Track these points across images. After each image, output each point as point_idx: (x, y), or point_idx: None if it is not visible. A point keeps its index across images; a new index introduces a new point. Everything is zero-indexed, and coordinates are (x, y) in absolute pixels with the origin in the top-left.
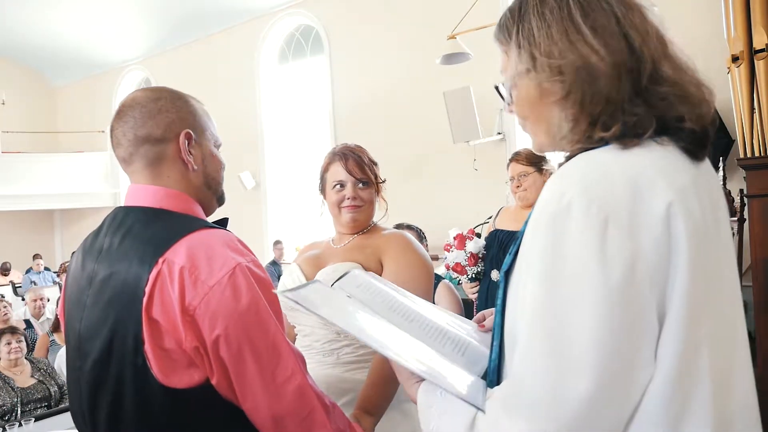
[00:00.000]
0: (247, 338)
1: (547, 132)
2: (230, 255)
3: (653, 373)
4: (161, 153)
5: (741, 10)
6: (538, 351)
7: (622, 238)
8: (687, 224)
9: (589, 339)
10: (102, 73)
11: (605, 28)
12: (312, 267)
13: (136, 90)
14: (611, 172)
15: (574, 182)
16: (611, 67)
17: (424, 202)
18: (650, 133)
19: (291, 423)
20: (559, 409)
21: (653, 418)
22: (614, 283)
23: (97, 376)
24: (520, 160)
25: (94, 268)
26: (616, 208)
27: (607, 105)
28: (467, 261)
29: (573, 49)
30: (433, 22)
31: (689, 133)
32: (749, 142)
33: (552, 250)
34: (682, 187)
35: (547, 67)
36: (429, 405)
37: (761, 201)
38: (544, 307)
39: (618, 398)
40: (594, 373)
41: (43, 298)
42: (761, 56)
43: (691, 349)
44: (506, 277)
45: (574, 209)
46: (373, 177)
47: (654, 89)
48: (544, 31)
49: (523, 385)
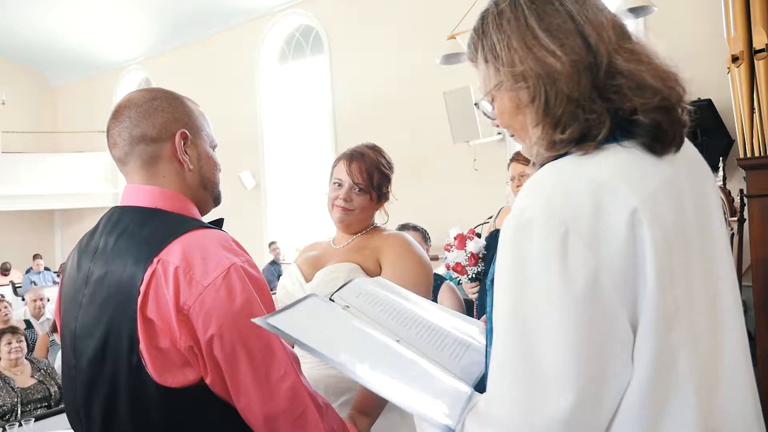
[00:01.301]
0: (241, 338)
1: (529, 139)
2: (225, 255)
3: (630, 380)
4: (156, 153)
5: (741, 10)
6: (508, 373)
7: (583, 251)
8: (654, 230)
9: (559, 356)
10: (102, 73)
11: (560, 28)
12: (312, 267)
13: (133, 91)
14: (572, 183)
15: (535, 196)
16: (569, 66)
17: (424, 202)
18: (605, 134)
19: (284, 422)
20: (537, 426)
21: (631, 423)
22: (578, 296)
23: (92, 375)
24: (521, 160)
25: (89, 267)
26: (576, 221)
27: (568, 104)
28: (467, 261)
29: (531, 55)
30: (433, 22)
31: (642, 126)
32: (749, 142)
33: (515, 266)
34: (650, 192)
35: (510, 77)
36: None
37: (761, 201)
38: (511, 325)
39: (594, 410)
40: (567, 390)
41: (43, 298)
42: (761, 56)
43: (667, 353)
44: (492, 285)
45: (535, 224)
46: (372, 185)
47: (608, 83)
48: (505, 42)
49: (496, 409)
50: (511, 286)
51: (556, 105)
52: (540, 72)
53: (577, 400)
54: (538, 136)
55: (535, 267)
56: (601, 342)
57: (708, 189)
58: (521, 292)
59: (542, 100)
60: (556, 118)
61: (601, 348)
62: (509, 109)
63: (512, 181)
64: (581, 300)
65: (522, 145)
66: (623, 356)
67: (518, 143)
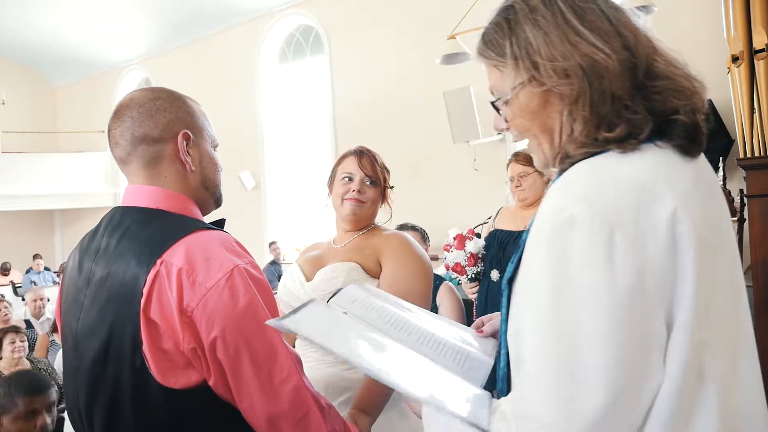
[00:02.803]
0: (244, 340)
1: (551, 142)
2: (228, 257)
3: (662, 380)
4: (159, 153)
5: (741, 10)
6: (546, 371)
7: (629, 250)
8: (691, 230)
9: (600, 355)
10: (102, 73)
11: (601, 28)
12: (312, 267)
13: (134, 90)
14: (613, 181)
15: (575, 195)
16: (618, 64)
17: (424, 202)
18: (647, 134)
19: (287, 424)
20: (573, 427)
21: (663, 424)
22: (623, 296)
23: (94, 376)
24: (520, 160)
25: (91, 268)
26: (621, 219)
27: (613, 103)
28: (467, 261)
29: (576, 51)
30: (433, 22)
31: (682, 127)
32: (749, 142)
33: (555, 266)
34: (684, 192)
35: (552, 72)
36: (434, 418)
37: (761, 201)
38: (549, 324)
39: (629, 409)
40: (605, 389)
41: (43, 298)
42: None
43: (695, 353)
44: (509, 284)
45: (577, 224)
46: (381, 179)
47: (649, 84)
48: (542, 38)
49: (533, 407)
50: (550, 285)
51: (601, 103)
52: (586, 68)
53: (614, 399)
54: (579, 132)
55: (578, 267)
56: (641, 343)
57: (718, 190)
58: (562, 292)
59: (587, 97)
60: (601, 117)
61: (640, 349)
62: (534, 107)
63: (512, 181)
64: (625, 301)
65: (534, 149)
66: (658, 357)
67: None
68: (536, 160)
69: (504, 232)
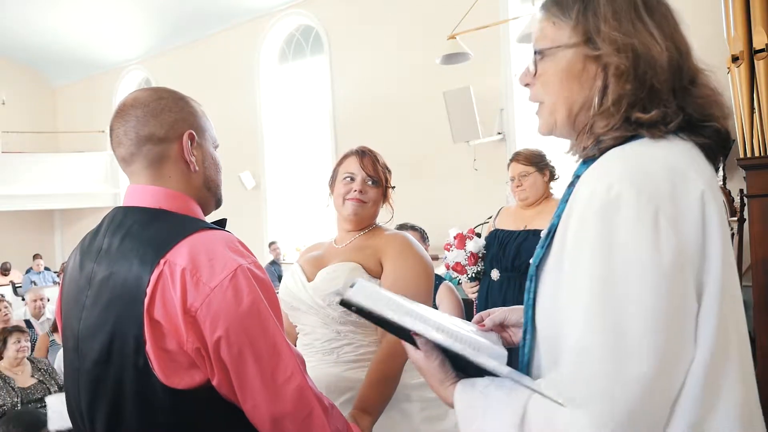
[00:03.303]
0: (247, 340)
1: (569, 109)
2: (231, 257)
3: (695, 354)
4: (163, 153)
5: (741, 10)
6: (598, 341)
7: (669, 228)
8: (716, 211)
9: (647, 324)
10: (102, 73)
11: (663, 28)
12: (313, 267)
13: (136, 90)
14: (650, 164)
15: (619, 174)
16: (667, 61)
17: (424, 202)
18: (675, 126)
19: (290, 423)
20: (620, 395)
21: (695, 397)
22: (666, 270)
23: (97, 376)
24: (521, 160)
25: (93, 268)
26: (663, 199)
27: (649, 92)
28: (467, 260)
29: (638, 35)
30: (433, 22)
31: (714, 130)
32: (749, 142)
33: (604, 240)
34: (709, 177)
35: (610, 42)
36: (470, 405)
37: (761, 201)
38: (600, 298)
39: (670, 379)
40: (652, 357)
41: (43, 298)
42: (761, 56)
43: (723, 329)
44: (537, 271)
45: (624, 200)
46: (383, 179)
47: (692, 90)
48: (612, 12)
49: (581, 376)
50: (599, 259)
51: (640, 87)
52: (641, 52)
53: (657, 370)
54: (611, 104)
55: (627, 241)
56: (680, 315)
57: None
58: (610, 264)
59: (631, 77)
60: (638, 98)
61: (678, 321)
62: (570, 70)
63: (512, 181)
64: (668, 274)
65: (545, 113)
66: (691, 331)
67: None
68: (542, 124)
69: (504, 231)
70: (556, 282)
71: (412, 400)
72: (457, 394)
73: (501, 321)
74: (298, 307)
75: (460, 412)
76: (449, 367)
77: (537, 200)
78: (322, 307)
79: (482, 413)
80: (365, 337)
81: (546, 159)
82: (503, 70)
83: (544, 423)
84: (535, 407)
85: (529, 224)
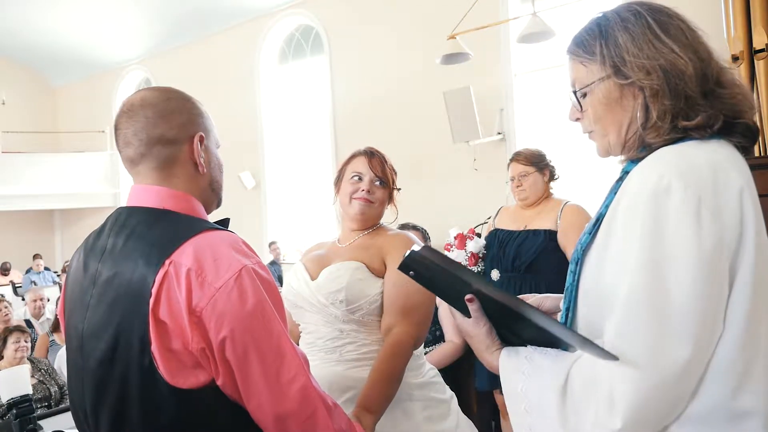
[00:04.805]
0: (252, 340)
1: (618, 132)
2: (236, 257)
3: (722, 333)
4: (173, 154)
5: (741, 10)
6: (641, 317)
7: (711, 218)
8: (753, 206)
9: (689, 306)
10: (102, 73)
11: (681, 41)
12: (317, 266)
13: (142, 89)
14: (696, 161)
15: (668, 167)
16: (693, 69)
17: (424, 202)
18: (719, 126)
19: (294, 423)
20: (661, 370)
21: (723, 374)
22: (707, 255)
23: (101, 376)
24: (521, 160)
25: (97, 268)
26: (706, 191)
27: (686, 101)
28: (468, 261)
29: (660, 55)
30: (433, 22)
31: (745, 126)
32: None
33: (655, 224)
34: (747, 176)
35: (638, 68)
36: (516, 369)
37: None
38: (646, 275)
39: (703, 359)
40: (692, 339)
41: (43, 298)
42: (761, 56)
43: (755, 315)
44: (583, 254)
45: (673, 190)
46: (390, 180)
47: (719, 90)
48: (630, 41)
49: (626, 348)
50: (648, 240)
51: (676, 99)
52: (668, 69)
53: (695, 349)
54: (652, 121)
55: (674, 228)
56: (715, 300)
57: None
58: (657, 248)
59: (665, 92)
60: (678, 109)
61: (714, 305)
62: (611, 98)
63: (512, 181)
64: (708, 260)
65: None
66: (722, 313)
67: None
68: (599, 147)
69: (504, 231)
70: (599, 265)
71: (414, 399)
72: (503, 359)
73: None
74: (302, 306)
75: (505, 376)
76: (495, 335)
77: (537, 200)
78: (325, 306)
79: (527, 377)
80: (368, 336)
81: (546, 159)
82: (503, 70)
83: (585, 382)
84: (577, 370)
85: (529, 224)
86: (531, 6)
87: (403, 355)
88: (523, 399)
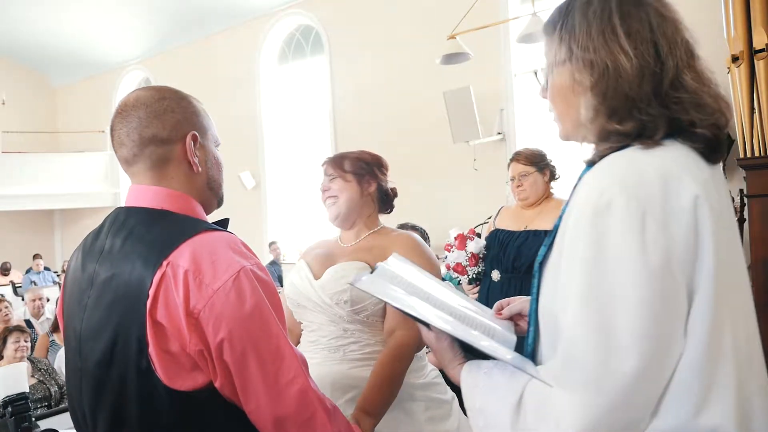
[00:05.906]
0: (250, 342)
1: (573, 120)
2: (234, 258)
3: (683, 349)
4: (166, 154)
5: (741, 10)
6: (587, 334)
7: (659, 230)
8: (710, 214)
9: (634, 321)
10: (102, 73)
11: (638, 33)
12: (320, 265)
13: (137, 89)
14: (643, 170)
15: (611, 181)
16: (636, 69)
17: (424, 202)
18: (661, 135)
19: (292, 425)
20: (609, 384)
21: (684, 391)
22: (654, 269)
23: (99, 378)
24: (521, 160)
25: (95, 269)
26: (652, 203)
27: (625, 102)
28: (468, 261)
29: (606, 48)
30: (433, 22)
31: (701, 137)
32: (749, 142)
33: (596, 243)
34: (704, 181)
35: (580, 60)
36: (474, 384)
37: (761, 201)
38: (590, 295)
39: (657, 373)
40: (639, 352)
41: (43, 298)
42: (761, 56)
43: (718, 326)
44: (540, 268)
45: (614, 206)
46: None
47: (672, 94)
48: (585, 28)
49: (574, 364)
50: (590, 260)
51: (613, 98)
52: (608, 65)
53: (643, 365)
54: (589, 119)
55: (616, 244)
56: (668, 314)
57: (726, 191)
58: (601, 266)
59: (602, 89)
60: (612, 109)
61: (667, 319)
62: (564, 86)
63: (512, 181)
64: (656, 275)
65: (558, 120)
66: (681, 329)
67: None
68: (559, 130)
69: (504, 231)
70: (555, 283)
71: (416, 399)
72: (464, 373)
73: (519, 311)
74: (305, 305)
75: (466, 392)
76: (458, 348)
77: (537, 200)
78: (329, 306)
79: (484, 392)
80: (372, 336)
81: (546, 159)
82: (503, 70)
83: (537, 404)
84: (531, 390)
85: (529, 224)
86: (531, 6)
87: (405, 358)
88: (480, 416)
